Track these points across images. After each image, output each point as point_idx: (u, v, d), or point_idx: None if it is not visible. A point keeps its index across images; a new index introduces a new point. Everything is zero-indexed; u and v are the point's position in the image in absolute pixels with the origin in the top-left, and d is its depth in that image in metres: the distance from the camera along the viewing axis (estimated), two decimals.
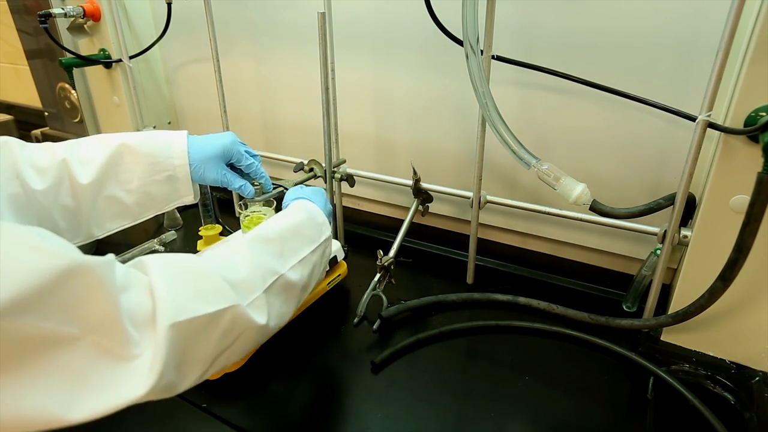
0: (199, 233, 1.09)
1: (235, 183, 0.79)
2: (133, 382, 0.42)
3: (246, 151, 0.81)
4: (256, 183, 0.82)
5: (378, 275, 0.90)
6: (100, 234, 0.73)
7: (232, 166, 0.80)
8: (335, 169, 1.02)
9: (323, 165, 0.99)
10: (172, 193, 0.75)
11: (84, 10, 1.22)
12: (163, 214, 1.22)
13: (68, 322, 0.39)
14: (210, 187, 1.09)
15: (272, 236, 0.61)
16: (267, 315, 0.55)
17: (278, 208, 0.88)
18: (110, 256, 0.44)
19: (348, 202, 1.27)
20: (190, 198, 0.77)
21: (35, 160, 0.66)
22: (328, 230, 0.70)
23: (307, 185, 0.94)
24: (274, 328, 0.58)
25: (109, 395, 0.41)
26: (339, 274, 0.93)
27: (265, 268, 0.57)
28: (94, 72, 1.36)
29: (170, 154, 0.74)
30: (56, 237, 0.41)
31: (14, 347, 0.36)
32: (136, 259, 0.49)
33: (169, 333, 0.44)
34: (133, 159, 0.72)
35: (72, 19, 1.23)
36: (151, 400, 0.43)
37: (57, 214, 0.67)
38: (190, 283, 0.49)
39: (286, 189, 0.89)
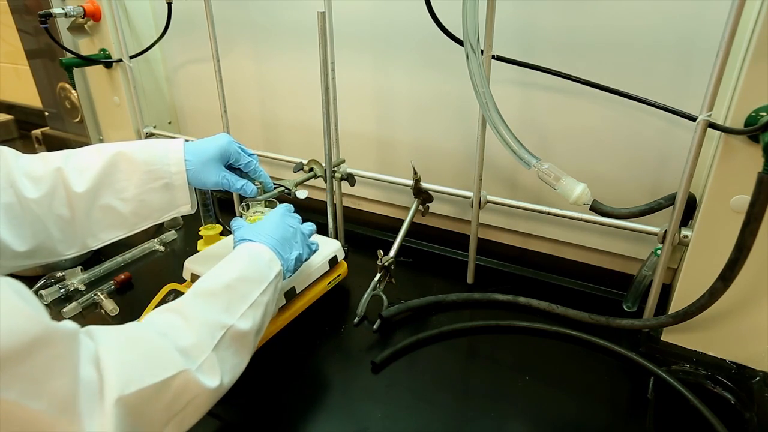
0: (200, 233, 1.09)
1: (237, 183, 0.78)
2: None
3: (242, 150, 0.80)
4: (257, 182, 0.82)
5: (378, 275, 0.90)
6: (95, 245, 0.72)
7: (230, 168, 0.80)
8: (335, 168, 1.02)
9: (323, 165, 0.99)
10: (169, 202, 0.75)
11: (84, 10, 1.22)
12: None
13: (33, 395, 0.37)
14: None
15: (216, 288, 0.60)
16: (219, 374, 0.54)
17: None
18: (75, 327, 0.43)
19: (348, 202, 1.27)
20: (187, 207, 0.77)
21: (30, 170, 0.65)
22: (276, 265, 0.67)
23: (306, 185, 0.95)
24: (228, 384, 0.57)
25: None
26: (339, 274, 0.93)
27: (213, 323, 0.56)
28: (95, 72, 1.36)
29: (167, 161, 0.73)
30: (30, 294, 0.41)
31: None
32: (86, 328, 0.47)
33: (116, 410, 0.43)
34: (129, 167, 0.71)
35: (72, 18, 1.23)
36: None
37: (51, 224, 0.67)
38: (137, 352, 0.48)
39: (287, 189, 0.89)
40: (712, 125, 0.67)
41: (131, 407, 0.45)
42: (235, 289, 0.61)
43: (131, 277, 0.99)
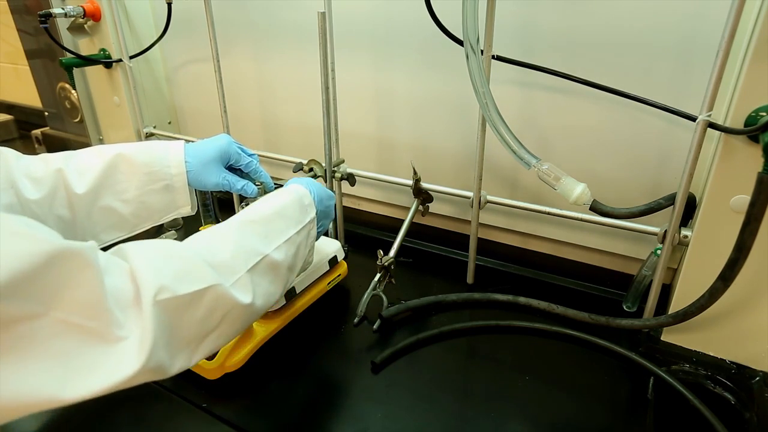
0: None
1: (238, 184, 0.78)
2: (123, 362, 0.42)
3: (243, 150, 0.81)
4: (257, 182, 0.82)
5: (378, 275, 0.90)
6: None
7: (230, 169, 0.80)
8: (335, 168, 1.02)
9: (323, 165, 0.99)
10: (169, 203, 0.75)
11: (84, 10, 1.22)
12: None
13: (56, 306, 0.39)
14: None
15: (257, 218, 0.63)
16: (252, 294, 0.56)
17: None
18: (92, 243, 0.44)
19: (348, 202, 1.27)
20: (187, 209, 0.77)
21: (30, 171, 0.65)
22: (312, 211, 0.71)
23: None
24: (261, 307, 0.59)
25: (101, 376, 0.41)
26: (339, 274, 0.93)
27: (249, 249, 0.58)
28: (95, 72, 1.36)
29: (167, 163, 0.73)
30: (41, 225, 0.41)
31: (2, 331, 0.37)
32: (116, 247, 0.49)
33: (155, 311, 0.44)
34: (130, 169, 0.71)
35: (72, 19, 1.23)
36: (144, 381, 0.44)
37: (52, 225, 0.65)
38: (169, 265, 0.49)
39: None
40: (712, 125, 0.67)
41: (168, 312, 0.46)
42: (273, 222, 0.64)
43: None
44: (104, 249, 0.82)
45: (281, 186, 0.87)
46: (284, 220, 0.66)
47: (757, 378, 0.73)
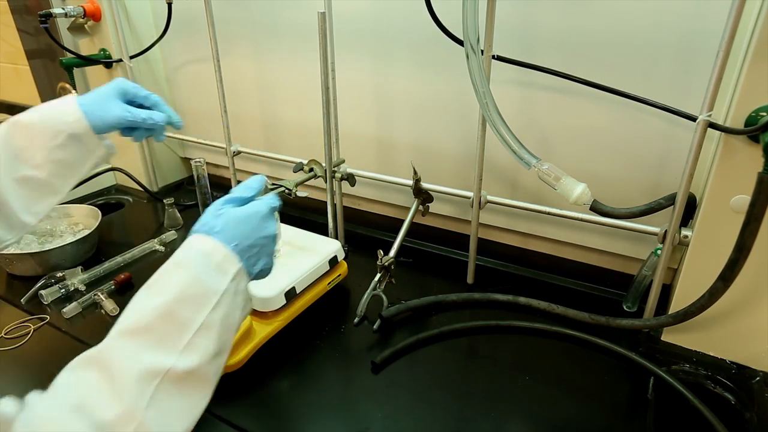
0: None
1: (141, 114, 0.73)
2: None
3: (140, 88, 0.77)
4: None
5: (378, 275, 0.90)
6: (33, 220, 0.69)
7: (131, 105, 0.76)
8: (335, 168, 1.02)
9: (323, 165, 0.99)
10: (81, 152, 0.71)
11: (84, 10, 1.22)
12: (164, 213, 1.22)
13: None
14: (210, 186, 1.09)
15: (147, 320, 0.46)
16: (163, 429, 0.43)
17: (281, 209, 0.88)
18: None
19: (348, 202, 1.27)
20: (102, 151, 0.73)
21: None
22: (233, 265, 0.53)
23: (306, 185, 0.94)
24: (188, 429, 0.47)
25: None
26: (339, 274, 0.93)
27: (143, 372, 0.43)
28: (95, 72, 1.36)
29: (61, 114, 0.70)
30: None
31: None
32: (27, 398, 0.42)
33: None
34: (26, 133, 0.68)
35: (72, 19, 1.23)
36: None
37: None
38: None
39: (288, 189, 0.89)
40: (712, 125, 0.67)
41: None
42: (172, 315, 0.47)
43: (131, 277, 0.99)
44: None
45: (281, 186, 0.88)
46: (187, 304, 0.48)
47: (758, 378, 0.73)
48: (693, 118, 0.69)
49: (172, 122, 0.77)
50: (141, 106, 0.76)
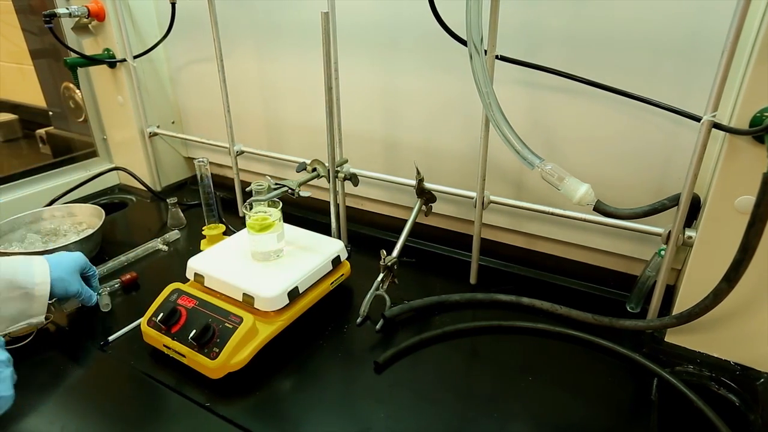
0: (203, 233, 1.10)
1: (88, 292, 0.87)
2: None
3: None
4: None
5: (381, 275, 0.90)
6: None
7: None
8: (338, 168, 1.02)
9: (326, 164, 0.99)
10: (22, 311, 0.77)
11: (88, 10, 1.23)
12: (167, 212, 1.22)
13: None
14: (213, 186, 1.09)
15: None
16: None
17: (284, 209, 0.88)
18: None
19: (351, 202, 1.27)
20: (40, 318, 0.80)
21: None
22: None
23: (309, 184, 0.94)
24: None
25: None
26: (342, 274, 0.93)
27: None
28: (99, 72, 1.37)
29: (31, 272, 0.77)
30: None
31: None
32: None
33: None
34: None
35: (77, 19, 1.24)
36: None
37: None
38: None
39: (291, 189, 0.89)
40: (717, 125, 0.67)
41: None
42: None
43: (137, 277, 1.00)
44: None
45: (284, 186, 0.88)
46: None
47: (762, 380, 0.73)
48: (697, 119, 0.69)
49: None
50: (86, 277, 0.89)
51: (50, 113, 1.65)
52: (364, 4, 1.02)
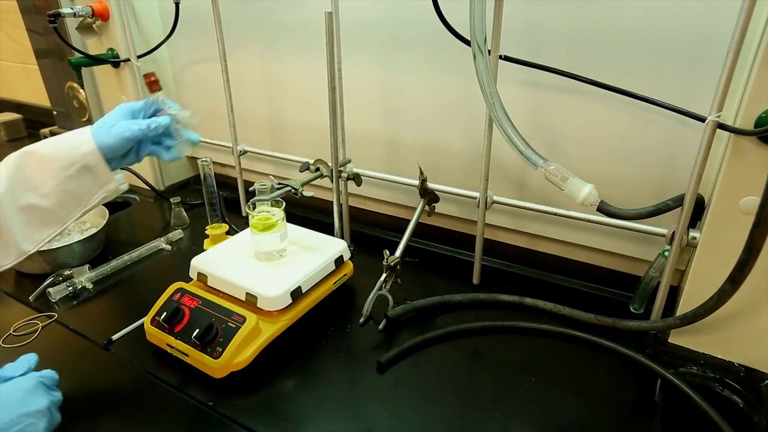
0: (206, 232, 1.10)
1: (145, 121, 0.73)
2: None
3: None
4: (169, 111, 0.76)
5: (384, 275, 0.90)
6: (32, 248, 0.70)
7: None
8: (341, 168, 1.02)
9: (329, 164, 0.99)
10: (91, 184, 0.71)
11: (93, 10, 1.23)
12: (170, 212, 1.22)
13: None
14: (217, 185, 1.10)
15: None
16: None
17: (287, 209, 0.88)
18: None
19: (354, 202, 1.27)
20: (113, 185, 0.73)
21: None
22: None
23: (312, 184, 0.94)
24: None
25: None
26: (345, 274, 0.93)
27: None
28: (103, 71, 1.37)
29: (74, 145, 0.70)
30: None
31: None
32: None
33: None
34: (38, 163, 0.69)
35: (81, 18, 1.24)
36: None
37: None
38: None
39: (294, 189, 0.89)
40: (722, 126, 0.66)
41: None
42: None
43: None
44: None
45: (287, 186, 0.88)
46: None
47: (766, 381, 0.73)
48: (702, 119, 0.69)
49: (190, 138, 0.76)
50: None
51: (54, 113, 1.65)
52: (368, 4, 1.02)
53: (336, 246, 0.92)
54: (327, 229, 1.01)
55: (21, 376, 0.60)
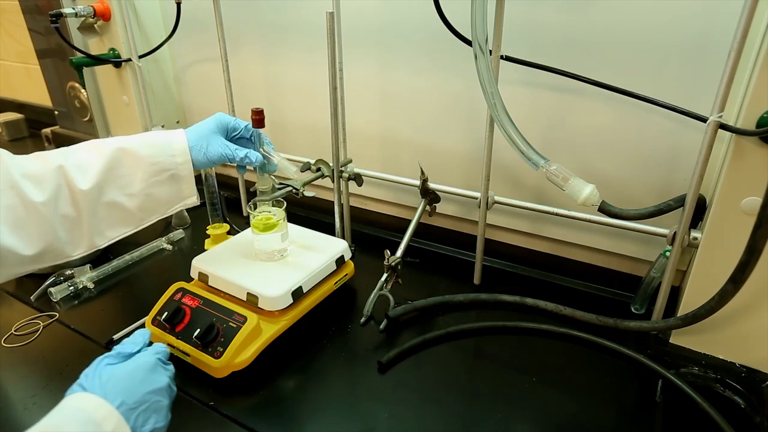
0: (207, 232, 1.10)
1: (241, 152, 0.78)
2: None
3: (237, 120, 0.80)
4: (262, 149, 0.82)
5: (385, 275, 0.90)
6: (102, 243, 0.71)
7: (231, 141, 0.80)
8: (342, 168, 1.02)
9: (331, 164, 0.99)
10: (175, 194, 0.74)
11: (94, 10, 1.23)
12: None
13: None
14: (218, 185, 1.10)
15: None
16: None
17: (288, 209, 0.88)
18: None
19: (355, 202, 1.27)
20: (193, 199, 0.77)
21: (29, 170, 0.64)
22: (118, 427, 0.50)
23: (314, 184, 0.94)
24: None
25: None
26: (346, 274, 0.93)
27: None
28: (104, 71, 1.37)
29: (171, 152, 0.72)
30: None
31: None
32: None
33: None
34: (133, 162, 0.70)
35: (82, 18, 1.24)
36: None
37: (57, 225, 0.66)
38: None
39: (295, 189, 0.89)
40: (723, 126, 0.66)
41: None
42: None
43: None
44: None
45: (288, 186, 0.88)
46: None
47: None
48: (703, 119, 0.68)
49: (265, 167, 0.82)
50: (242, 138, 0.81)
51: (56, 112, 1.66)
52: (369, 4, 1.02)
53: (337, 246, 0.92)
54: (328, 229, 1.01)
55: (138, 352, 0.59)
